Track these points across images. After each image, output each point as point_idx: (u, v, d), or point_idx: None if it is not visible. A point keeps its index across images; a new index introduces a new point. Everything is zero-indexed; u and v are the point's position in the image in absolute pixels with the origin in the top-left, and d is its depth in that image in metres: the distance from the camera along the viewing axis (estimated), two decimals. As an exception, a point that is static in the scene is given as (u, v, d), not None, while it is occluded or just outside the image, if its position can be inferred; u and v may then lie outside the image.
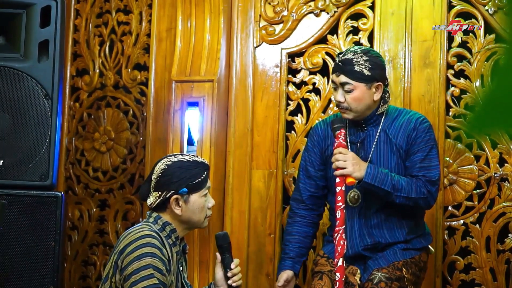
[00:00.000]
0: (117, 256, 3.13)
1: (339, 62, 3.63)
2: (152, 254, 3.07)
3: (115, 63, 4.97)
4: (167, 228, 3.23)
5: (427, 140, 3.65)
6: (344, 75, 3.61)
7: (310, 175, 3.83)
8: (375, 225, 3.66)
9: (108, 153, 4.94)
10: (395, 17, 4.41)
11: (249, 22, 4.64)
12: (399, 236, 3.66)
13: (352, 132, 3.71)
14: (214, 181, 4.37)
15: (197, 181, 3.25)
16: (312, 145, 3.85)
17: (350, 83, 3.60)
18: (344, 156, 3.50)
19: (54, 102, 4.08)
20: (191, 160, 3.28)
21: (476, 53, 4.30)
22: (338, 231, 3.43)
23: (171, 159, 3.28)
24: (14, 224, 4.01)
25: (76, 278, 4.96)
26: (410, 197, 3.55)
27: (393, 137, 3.67)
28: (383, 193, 3.54)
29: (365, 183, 3.51)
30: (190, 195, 3.24)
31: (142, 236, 3.12)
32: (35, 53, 4.10)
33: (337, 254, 3.43)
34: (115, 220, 4.89)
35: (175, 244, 3.25)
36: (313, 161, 3.83)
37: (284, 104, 4.57)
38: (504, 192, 4.22)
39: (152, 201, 3.25)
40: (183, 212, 3.23)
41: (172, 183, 3.22)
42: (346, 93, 3.61)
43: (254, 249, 4.52)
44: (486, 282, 4.22)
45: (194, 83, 4.43)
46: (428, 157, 3.63)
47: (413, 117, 3.70)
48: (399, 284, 3.53)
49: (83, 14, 5.05)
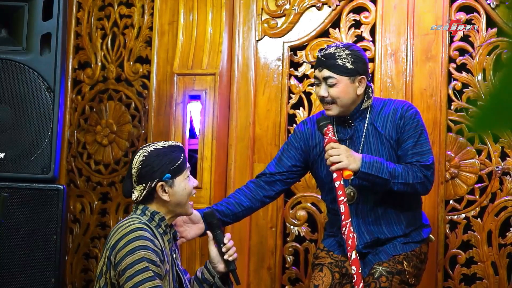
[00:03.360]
0: (109, 252, 3.12)
1: (322, 57, 3.59)
2: (144, 246, 3.06)
3: (117, 56, 4.98)
4: (156, 217, 3.23)
5: (415, 126, 3.60)
6: (327, 69, 3.56)
7: (280, 160, 3.76)
8: (373, 221, 3.64)
9: (110, 146, 4.95)
10: (397, 11, 4.41)
11: (251, 15, 4.63)
12: (398, 231, 3.64)
13: (340, 130, 3.66)
14: (215, 174, 4.37)
15: (177, 164, 3.25)
16: (294, 139, 3.78)
17: (333, 77, 3.56)
18: (337, 150, 3.43)
19: (56, 95, 4.08)
20: (166, 146, 3.29)
21: (478, 47, 4.30)
22: (345, 225, 3.38)
23: (146, 149, 3.28)
24: (16, 217, 4.01)
25: (78, 271, 4.97)
26: (408, 183, 3.50)
27: (382, 129, 3.63)
28: (381, 182, 3.48)
29: (363, 173, 3.44)
30: (173, 179, 3.24)
31: (132, 230, 3.10)
32: (37, 46, 4.10)
33: (349, 248, 3.37)
34: (117, 213, 4.90)
35: (166, 233, 3.25)
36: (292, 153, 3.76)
37: (286, 98, 4.57)
38: (506, 186, 4.22)
39: (138, 195, 3.24)
40: (171, 198, 3.23)
41: (154, 172, 3.22)
42: (330, 87, 3.56)
43: (256, 242, 4.52)
44: (488, 276, 4.22)
45: (196, 76, 4.43)
46: (419, 142, 3.58)
47: (398, 106, 3.65)
48: (400, 278, 3.53)
49: (85, 7, 5.05)
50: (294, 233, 4.54)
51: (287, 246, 4.55)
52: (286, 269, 4.55)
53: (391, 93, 4.33)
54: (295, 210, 4.50)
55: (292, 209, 4.53)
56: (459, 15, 4.33)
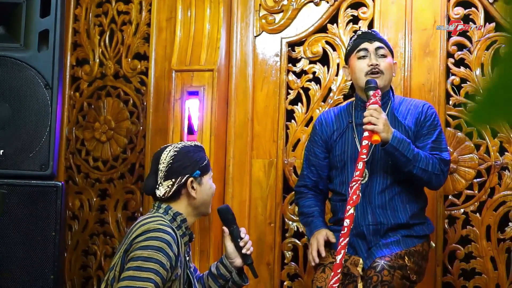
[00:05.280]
0: (128, 246, 3.09)
1: (371, 31, 3.88)
2: (159, 248, 3.02)
3: (115, 53, 4.97)
4: (178, 218, 3.22)
5: (435, 125, 3.75)
6: (379, 42, 3.78)
7: (312, 164, 3.88)
8: (379, 205, 3.68)
9: (108, 143, 4.94)
10: (395, 6, 4.41)
11: (249, 11, 4.63)
12: (402, 218, 3.67)
13: (359, 115, 3.72)
14: (214, 171, 4.36)
15: (205, 163, 3.31)
16: (314, 134, 3.92)
17: (384, 48, 3.77)
18: (378, 114, 3.52)
19: (54, 91, 4.08)
20: (193, 145, 3.35)
21: (476, 42, 4.30)
22: (356, 180, 3.43)
23: (176, 145, 3.31)
24: (14, 214, 4.01)
25: (77, 268, 4.97)
26: (427, 170, 3.59)
27: (402, 119, 3.74)
28: (404, 160, 3.56)
29: (391, 146, 3.53)
30: (202, 177, 3.28)
31: (155, 229, 3.07)
32: (35, 43, 4.10)
33: (351, 202, 3.41)
34: (116, 209, 4.89)
35: (185, 235, 3.24)
36: (315, 150, 3.88)
37: (284, 93, 4.57)
38: (505, 181, 4.23)
39: (166, 191, 3.21)
40: (197, 195, 3.25)
41: (186, 167, 3.23)
42: (380, 57, 3.74)
43: (255, 238, 4.52)
44: (487, 271, 4.22)
45: (194, 72, 4.42)
46: (438, 139, 3.72)
47: (420, 103, 3.82)
48: (402, 273, 3.53)
49: (83, 3, 5.04)
50: (293, 228, 4.53)
51: (286, 242, 4.55)
52: (285, 265, 4.55)
53: (389, 88, 4.33)
54: (294, 206, 4.50)
55: (291, 204, 4.52)
56: (457, 10, 4.32)
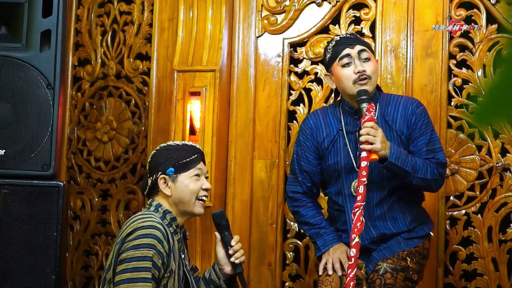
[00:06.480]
0: (120, 245, 3.12)
1: (349, 35, 3.71)
2: (151, 245, 3.06)
3: (117, 53, 4.97)
4: (168, 216, 3.26)
5: (426, 124, 3.66)
6: (359, 45, 3.63)
7: (305, 170, 3.78)
8: (379, 217, 3.64)
9: (110, 143, 4.95)
10: (397, 7, 4.41)
11: (251, 11, 4.63)
12: (402, 226, 3.64)
13: (349, 122, 3.68)
14: (216, 171, 4.37)
15: (184, 161, 3.30)
16: (305, 139, 3.78)
17: (366, 50, 3.63)
18: (375, 131, 3.42)
19: (56, 92, 4.08)
20: (180, 144, 3.39)
21: (478, 43, 4.29)
22: (359, 206, 3.37)
23: (161, 145, 3.41)
24: (16, 214, 4.01)
25: (78, 268, 4.97)
26: (426, 179, 3.54)
27: (393, 123, 3.65)
28: (403, 174, 3.50)
29: (390, 163, 3.45)
30: (177, 175, 3.29)
31: (146, 226, 3.12)
32: (37, 43, 4.10)
33: (356, 230, 3.36)
34: (117, 210, 4.90)
35: (176, 232, 3.27)
36: (307, 156, 3.77)
37: (286, 94, 4.56)
38: (506, 182, 4.22)
39: (145, 187, 3.34)
40: (172, 192, 3.28)
41: (159, 164, 3.29)
42: (364, 62, 3.61)
43: (256, 238, 4.52)
44: (488, 272, 4.22)
45: (196, 72, 4.42)
46: (432, 140, 3.64)
47: (407, 102, 3.70)
48: (404, 275, 3.52)
49: (85, 4, 5.04)
50: (294, 229, 4.53)
51: (288, 243, 4.55)
52: (287, 266, 4.55)
53: (391, 89, 4.33)
54: (295, 207, 4.50)
55: (292, 205, 4.52)
56: (459, 11, 4.32)
